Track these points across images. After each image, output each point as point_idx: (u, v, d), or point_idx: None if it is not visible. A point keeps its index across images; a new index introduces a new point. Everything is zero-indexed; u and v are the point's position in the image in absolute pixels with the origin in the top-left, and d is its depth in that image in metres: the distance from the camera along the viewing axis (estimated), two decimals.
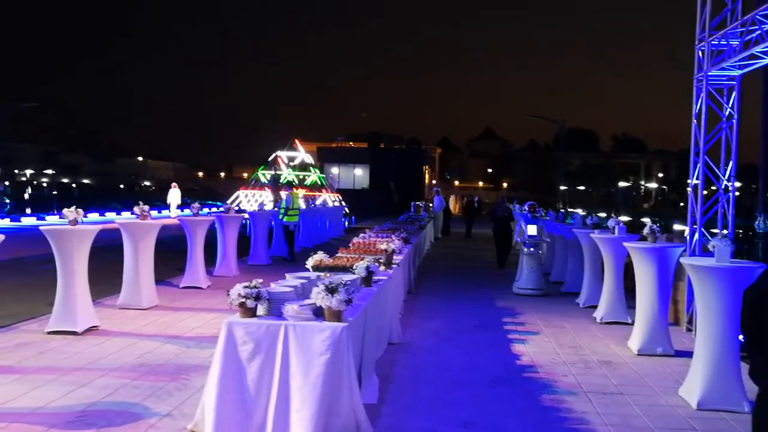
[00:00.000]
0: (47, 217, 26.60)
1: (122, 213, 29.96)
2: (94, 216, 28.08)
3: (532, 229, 12.69)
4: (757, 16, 7.38)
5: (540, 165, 77.70)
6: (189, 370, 6.58)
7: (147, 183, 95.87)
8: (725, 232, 8.78)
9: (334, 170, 59.29)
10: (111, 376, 6.29)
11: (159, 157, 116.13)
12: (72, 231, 8.08)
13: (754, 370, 2.67)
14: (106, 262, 12.22)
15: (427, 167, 67.33)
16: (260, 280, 4.89)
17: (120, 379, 6.23)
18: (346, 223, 30.85)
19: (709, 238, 8.23)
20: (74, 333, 7.86)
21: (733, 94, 8.97)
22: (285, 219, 16.64)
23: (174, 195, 32.10)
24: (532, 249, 12.50)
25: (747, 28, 7.76)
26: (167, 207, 32.90)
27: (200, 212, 12.97)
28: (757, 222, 9.59)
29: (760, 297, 2.70)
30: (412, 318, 9.76)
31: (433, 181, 71.61)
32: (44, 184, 71.71)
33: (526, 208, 13.54)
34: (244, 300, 4.72)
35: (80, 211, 8.34)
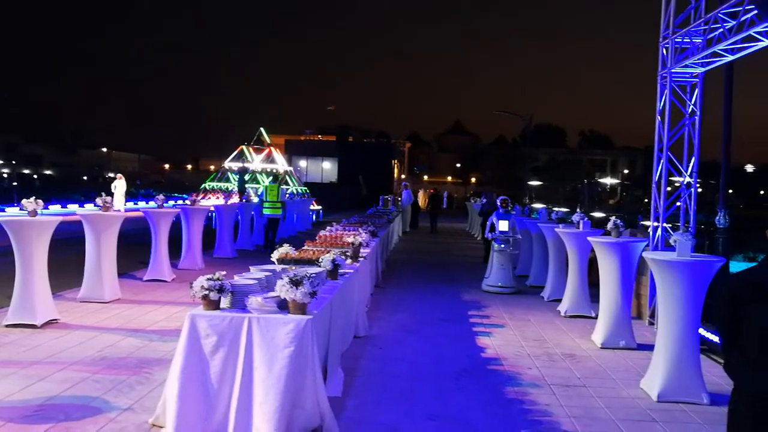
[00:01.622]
0: (7, 209, 26.00)
1: (85, 205, 29.40)
2: (56, 208, 27.55)
3: (503, 225, 12.32)
4: (720, 15, 7.49)
5: (508, 160, 78.12)
6: (151, 364, 6.49)
7: (111, 175, 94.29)
8: (687, 227, 8.92)
9: (302, 163, 59.00)
10: (71, 370, 6.17)
11: (124, 149, 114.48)
12: (31, 222, 7.90)
13: (729, 364, 2.70)
14: (67, 255, 12.01)
15: (396, 161, 67.34)
16: (223, 273, 4.84)
17: (80, 372, 6.11)
18: (314, 217, 30.72)
19: (671, 232, 8.36)
20: (33, 326, 7.70)
21: (696, 91, 9.11)
22: (264, 212, 16.60)
23: (119, 186, 29.91)
24: (502, 245, 12.16)
25: (710, 26, 7.88)
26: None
27: (165, 204, 12.76)
28: (717, 217, 9.76)
29: (738, 291, 2.72)
30: (378, 311, 9.75)
31: (402, 176, 71.64)
32: (4, 175, 70.14)
33: (498, 202, 13.33)
34: (207, 292, 4.66)
35: (40, 202, 8.16)
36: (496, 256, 12.18)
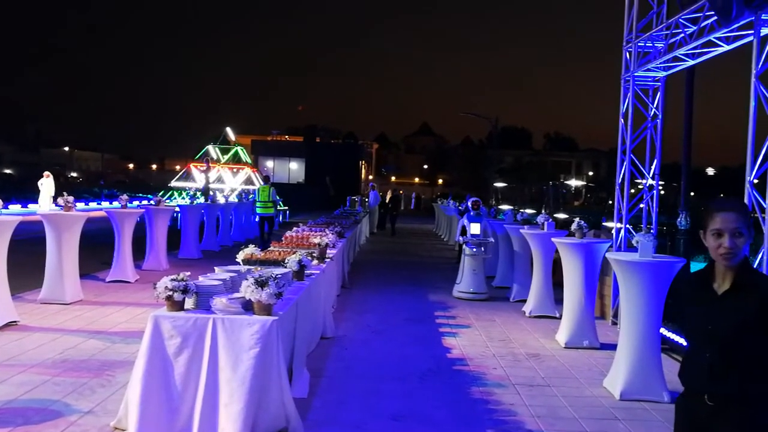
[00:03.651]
0: None
1: None
2: (16, 207, 26.97)
3: (475, 228, 11.78)
4: (681, 20, 7.63)
5: (474, 162, 78.71)
6: (114, 366, 6.39)
7: (74, 174, 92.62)
8: (649, 228, 9.07)
9: (269, 164, 58.65)
10: (30, 373, 6.05)
11: (87, 148, 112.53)
12: None
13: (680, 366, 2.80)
14: (27, 255, 11.77)
15: (363, 162, 67.34)
16: (188, 273, 4.78)
17: (40, 375, 5.99)
18: (280, 218, 30.56)
19: (634, 233, 8.49)
20: None
21: (658, 94, 9.27)
22: (257, 211, 17.97)
23: (46, 185, 26.61)
24: (474, 249, 11.55)
25: (671, 31, 8.02)
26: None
27: (129, 204, 12.59)
28: (679, 219, 9.93)
29: (681, 291, 2.81)
30: (345, 312, 9.74)
31: (370, 176, 71.65)
32: None
33: (469, 204, 13.00)
34: (171, 293, 4.60)
35: None
36: (468, 261, 11.55)
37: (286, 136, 67.55)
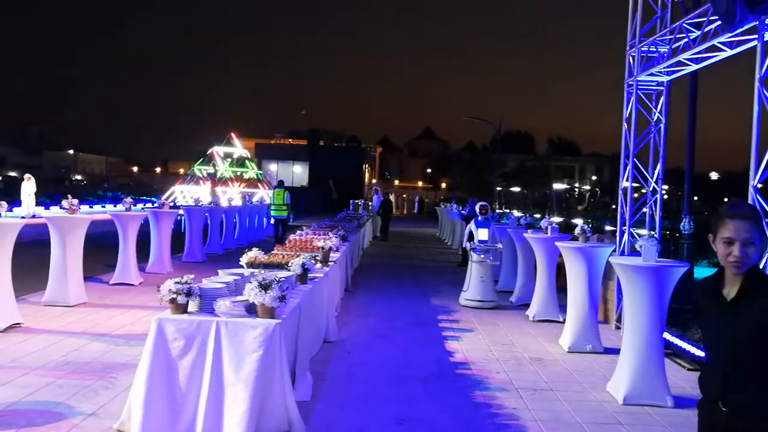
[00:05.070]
0: None
1: (50, 207, 28.92)
2: (20, 210, 27.02)
3: (483, 234, 11.31)
4: (684, 25, 7.63)
5: (477, 166, 78.67)
6: (117, 369, 6.40)
7: (78, 177, 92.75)
8: (653, 232, 9.06)
9: (273, 167, 58.74)
10: (34, 375, 6.06)
11: (91, 151, 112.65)
12: None
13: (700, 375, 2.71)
14: (32, 258, 11.78)
15: (367, 166, 67.38)
16: (192, 276, 4.79)
17: (43, 377, 6.00)
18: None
19: (637, 238, 8.49)
20: None
21: (662, 99, 9.26)
22: (271, 213, 19.02)
23: (28, 188, 26.11)
24: (482, 256, 11.12)
25: (675, 36, 8.02)
26: (18, 204, 26.26)
27: (133, 207, 12.60)
28: (682, 223, 9.93)
29: (696, 300, 2.71)
30: (348, 315, 9.74)
31: (373, 180, 71.74)
32: None
33: (477, 209, 12.84)
34: (174, 296, 4.61)
35: (4, 203, 8.01)
36: (475, 268, 11.10)
37: (290, 140, 67.65)
